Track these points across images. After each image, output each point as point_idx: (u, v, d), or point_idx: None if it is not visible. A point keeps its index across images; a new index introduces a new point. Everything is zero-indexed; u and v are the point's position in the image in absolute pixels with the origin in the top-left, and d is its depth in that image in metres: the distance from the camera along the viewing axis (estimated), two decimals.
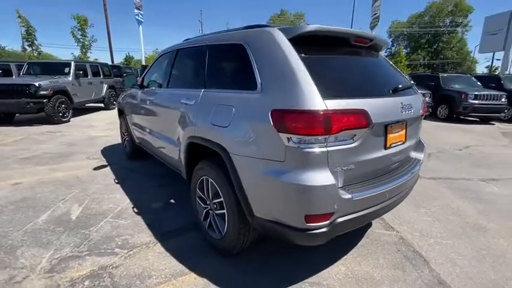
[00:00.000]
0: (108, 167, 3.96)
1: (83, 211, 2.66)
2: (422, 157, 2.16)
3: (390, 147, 1.71)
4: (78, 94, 8.07)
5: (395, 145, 1.76)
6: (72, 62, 8.26)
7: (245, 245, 1.88)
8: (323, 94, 1.38)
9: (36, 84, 6.57)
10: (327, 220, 1.43)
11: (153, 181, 3.46)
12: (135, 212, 2.66)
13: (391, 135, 1.70)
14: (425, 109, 2.19)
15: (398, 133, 1.77)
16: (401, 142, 1.82)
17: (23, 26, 23.82)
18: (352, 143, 1.46)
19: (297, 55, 1.50)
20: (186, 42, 2.66)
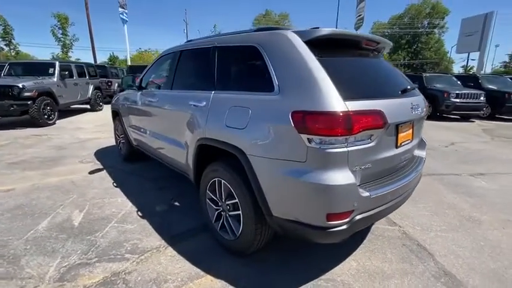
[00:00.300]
0: (104, 171, 3.85)
1: (85, 217, 2.58)
2: (424, 154, 2.26)
3: (401, 146, 1.79)
4: (63, 95, 7.76)
5: (404, 144, 1.84)
6: (56, 62, 7.92)
7: (260, 245, 1.90)
8: (342, 95, 1.43)
9: (19, 85, 6.26)
10: (347, 218, 1.48)
11: (153, 183, 3.40)
12: (140, 216, 2.61)
13: (401, 134, 1.77)
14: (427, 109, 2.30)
15: (406, 132, 1.84)
16: (409, 141, 1.90)
17: (0, 25, 22.66)
18: (369, 143, 1.51)
19: (315, 57, 1.53)
20: (190, 43, 2.63)
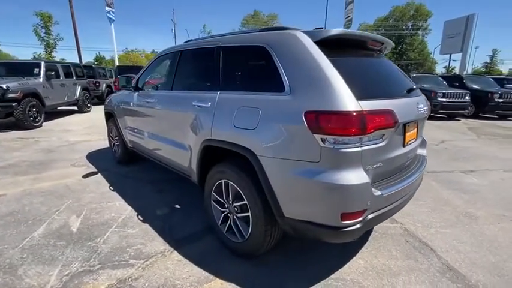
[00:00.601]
0: (98, 174, 3.73)
1: (83, 222, 2.49)
2: (425, 153, 2.32)
3: (407, 144, 1.82)
4: (50, 97, 7.48)
5: (411, 142, 1.87)
6: (42, 62, 7.61)
7: (269, 247, 1.89)
8: (355, 95, 1.43)
9: (3, 86, 5.97)
10: (361, 217, 1.48)
11: (151, 186, 3.33)
12: (141, 220, 2.54)
13: (408, 133, 1.80)
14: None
15: (412, 131, 1.88)
16: (414, 140, 1.94)
17: None
18: (381, 142, 1.52)
19: (326, 58, 1.53)
20: (191, 43, 2.58)
